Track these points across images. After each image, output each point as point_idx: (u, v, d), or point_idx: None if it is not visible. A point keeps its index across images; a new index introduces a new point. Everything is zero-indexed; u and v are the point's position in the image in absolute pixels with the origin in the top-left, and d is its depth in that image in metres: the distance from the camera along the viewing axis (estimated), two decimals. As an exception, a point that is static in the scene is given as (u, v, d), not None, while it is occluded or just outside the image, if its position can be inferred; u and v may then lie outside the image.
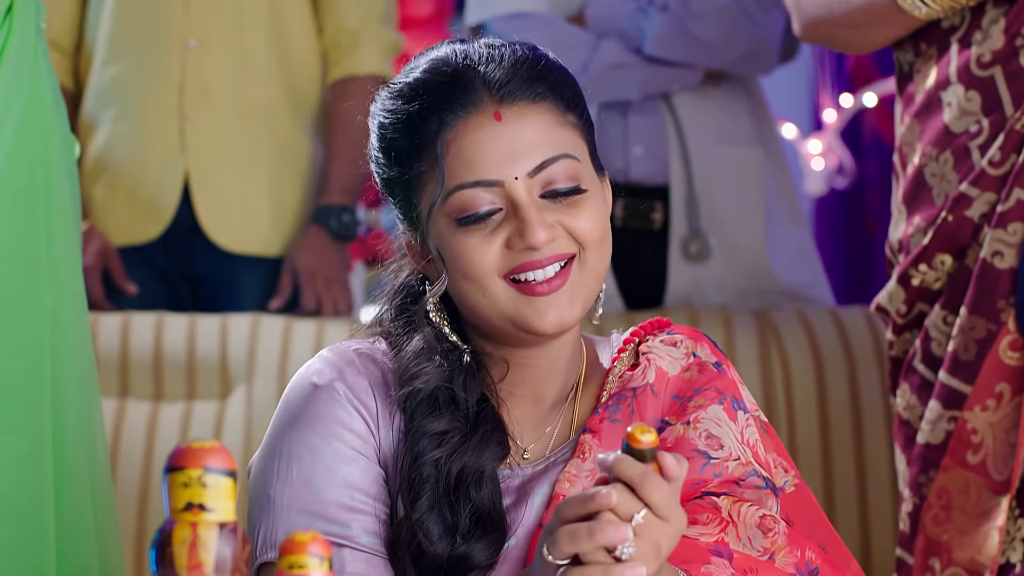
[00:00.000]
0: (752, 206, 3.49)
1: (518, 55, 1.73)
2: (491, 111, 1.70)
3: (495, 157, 1.69)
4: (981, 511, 2.23)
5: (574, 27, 3.46)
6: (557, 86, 1.73)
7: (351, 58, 3.43)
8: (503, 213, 1.69)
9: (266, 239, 3.40)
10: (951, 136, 2.29)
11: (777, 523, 1.68)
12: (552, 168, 1.69)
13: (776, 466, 1.76)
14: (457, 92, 1.70)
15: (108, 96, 3.38)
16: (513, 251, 1.69)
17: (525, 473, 1.73)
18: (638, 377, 1.76)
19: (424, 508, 1.68)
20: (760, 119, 3.57)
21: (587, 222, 1.71)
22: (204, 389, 3.23)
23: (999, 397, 2.23)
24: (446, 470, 1.69)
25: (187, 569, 1.25)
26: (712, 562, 1.62)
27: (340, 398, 1.72)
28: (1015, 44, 2.24)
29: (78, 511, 1.93)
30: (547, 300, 1.69)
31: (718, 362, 1.78)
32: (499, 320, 1.71)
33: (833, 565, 1.71)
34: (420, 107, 1.71)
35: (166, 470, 1.26)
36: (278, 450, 1.72)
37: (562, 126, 1.72)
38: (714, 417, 1.72)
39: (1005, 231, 2.22)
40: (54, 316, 1.92)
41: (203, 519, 1.25)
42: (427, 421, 1.71)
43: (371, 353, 1.76)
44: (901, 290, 2.35)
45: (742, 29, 3.44)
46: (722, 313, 3.28)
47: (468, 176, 1.69)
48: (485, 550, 1.68)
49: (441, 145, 1.69)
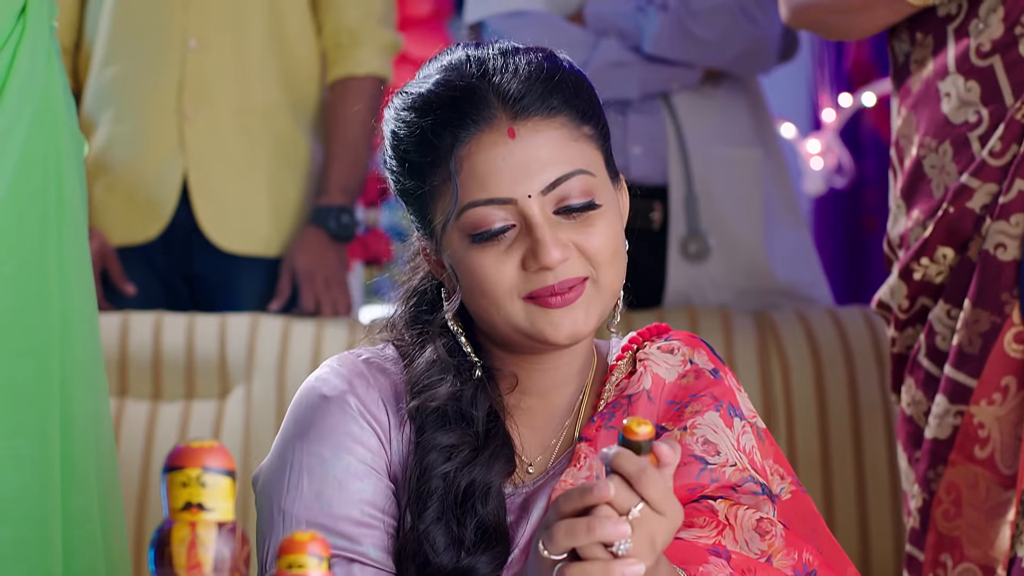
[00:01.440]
0: (751, 206, 3.49)
1: (533, 66, 1.71)
2: (505, 127, 1.68)
3: (508, 175, 1.67)
4: (991, 506, 2.23)
5: (573, 25, 3.46)
6: (572, 99, 1.72)
7: (350, 58, 3.43)
8: (516, 230, 1.69)
9: (265, 239, 3.39)
10: (950, 126, 2.28)
11: (774, 526, 1.68)
12: (566, 185, 1.69)
13: (773, 473, 1.76)
14: (471, 108, 1.69)
15: (107, 96, 3.38)
16: (528, 272, 1.68)
17: (527, 490, 1.74)
18: (634, 384, 1.76)
19: (431, 519, 1.68)
20: (759, 119, 3.57)
21: (600, 239, 1.70)
22: (203, 389, 3.23)
23: (1005, 391, 2.22)
24: (455, 484, 1.69)
25: (186, 569, 1.25)
26: (710, 562, 1.62)
27: (352, 411, 1.71)
28: (1014, 33, 2.23)
29: (85, 513, 1.93)
30: (562, 313, 1.69)
31: (715, 369, 1.78)
32: (514, 333, 1.71)
33: (830, 567, 1.71)
34: (433, 123, 1.70)
35: (165, 470, 1.26)
36: (288, 462, 1.71)
37: (576, 140, 1.71)
38: (710, 423, 1.72)
39: (1008, 223, 2.22)
40: (63, 317, 1.92)
41: (202, 519, 1.25)
42: (437, 434, 1.71)
43: (380, 362, 1.75)
44: (903, 285, 2.34)
45: (741, 28, 3.44)
46: (721, 313, 3.28)
47: (481, 194, 1.68)
48: (489, 563, 1.68)
49: (455, 161, 1.68)
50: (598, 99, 1.76)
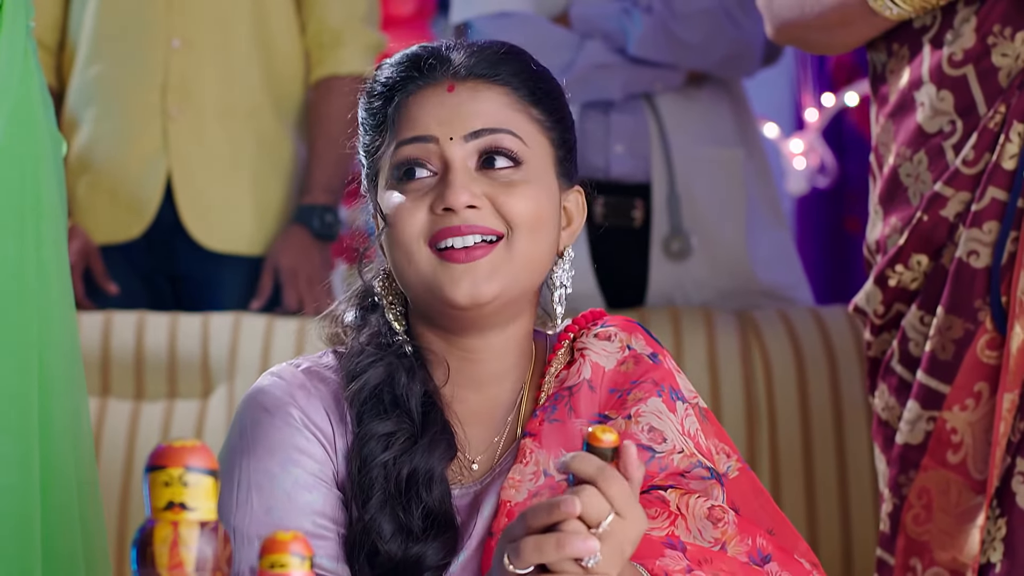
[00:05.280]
0: (733, 206, 3.50)
1: (491, 44, 1.76)
2: (446, 84, 1.73)
3: (436, 117, 1.72)
4: (962, 511, 2.23)
5: (558, 27, 3.47)
6: (527, 79, 1.75)
7: (333, 57, 3.43)
8: (436, 178, 1.71)
9: (248, 238, 3.39)
10: (925, 136, 2.29)
11: (726, 512, 1.68)
12: (491, 137, 1.71)
13: (719, 452, 1.76)
14: (421, 65, 1.75)
15: (91, 95, 3.37)
16: (435, 215, 1.70)
17: (474, 490, 1.73)
18: (574, 375, 1.76)
19: (375, 508, 1.68)
20: (742, 120, 3.58)
21: (520, 203, 1.71)
22: (185, 388, 3.23)
23: (978, 396, 2.23)
24: (395, 473, 1.69)
25: (168, 568, 1.25)
26: (666, 555, 1.62)
27: (296, 423, 1.71)
28: (987, 43, 2.24)
29: (64, 512, 1.92)
30: (463, 268, 1.69)
31: (653, 353, 1.78)
32: (422, 290, 1.71)
33: (783, 550, 1.71)
34: (388, 78, 1.76)
35: (147, 469, 1.26)
36: (236, 480, 1.70)
37: (520, 112, 1.73)
38: (654, 410, 1.72)
39: (980, 230, 2.23)
40: (42, 316, 1.92)
41: (184, 518, 1.25)
42: (374, 423, 1.70)
43: (319, 370, 1.75)
44: (878, 291, 2.35)
45: (725, 31, 3.45)
46: (703, 312, 3.28)
47: (408, 133, 1.72)
48: (438, 551, 1.68)
49: (394, 108, 1.74)
50: (567, 106, 1.78)
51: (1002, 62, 2.23)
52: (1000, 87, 2.23)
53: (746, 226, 3.49)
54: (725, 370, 3.16)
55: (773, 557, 1.69)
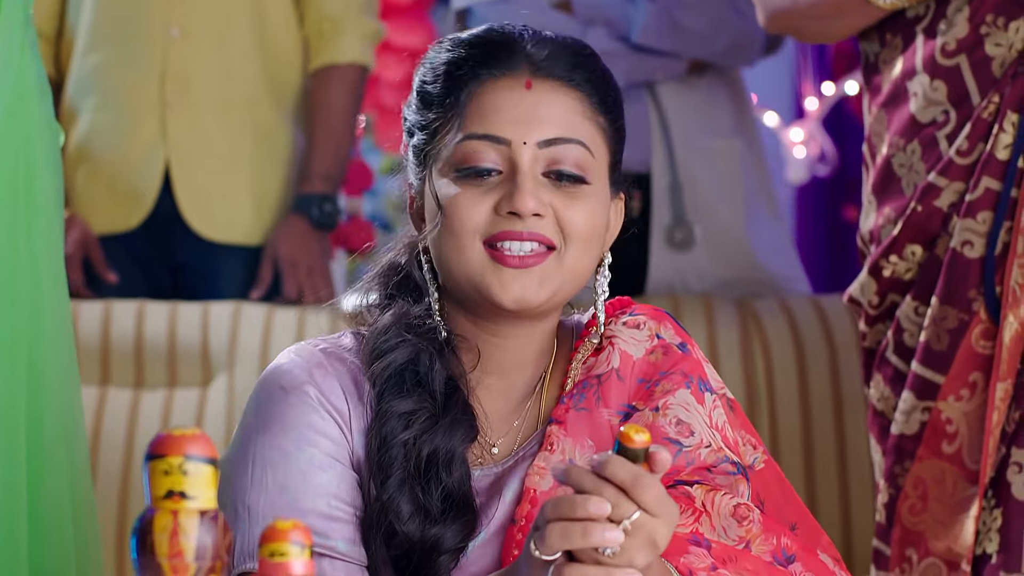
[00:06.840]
0: (732, 196, 3.50)
1: (568, 41, 1.75)
2: (524, 79, 1.71)
3: (511, 118, 1.70)
4: (957, 501, 2.24)
5: (561, 14, 3.46)
6: (596, 82, 1.74)
7: (332, 46, 3.43)
8: (502, 177, 1.70)
9: (247, 228, 3.39)
10: (918, 126, 2.29)
11: (751, 511, 1.68)
12: (564, 148, 1.70)
13: (745, 444, 1.76)
14: (499, 52, 1.72)
15: (89, 84, 3.37)
16: (499, 216, 1.69)
17: (495, 472, 1.72)
18: (602, 363, 1.75)
19: (394, 488, 1.66)
20: (741, 110, 3.57)
21: (579, 216, 1.70)
22: (185, 377, 3.23)
23: (973, 386, 2.23)
24: (416, 452, 1.67)
25: (168, 557, 1.25)
26: (691, 551, 1.62)
27: (312, 402, 1.69)
28: (980, 32, 2.24)
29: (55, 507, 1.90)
30: (515, 273, 1.68)
31: (683, 343, 1.77)
32: (466, 284, 1.70)
33: (807, 549, 1.71)
34: (460, 58, 1.73)
35: (147, 458, 1.26)
36: (251, 457, 1.68)
37: (589, 120, 1.72)
38: (682, 402, 1.71)
39: (974, 220, 2.23)
40: (32, 309, 1.90)
41: (184, 507, 1.25)
42: (395, 401, 1.69)
43: (337, 352, 1.74)
44: (873, 281, 2.35)
45: (729, 20, 3.44)
46: (704, 301, 3.29)
47: (480, 128, 1.70)
48: (457, 533, 1.67)
49: (468, 95, 1.71)
50: (622, 106, 1.77)
51: (995, 52, 2.23)
52: (993, 77, 2.23)
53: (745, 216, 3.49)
54: (725, 359, 3.16)
55: (797, 557, 1.68)
